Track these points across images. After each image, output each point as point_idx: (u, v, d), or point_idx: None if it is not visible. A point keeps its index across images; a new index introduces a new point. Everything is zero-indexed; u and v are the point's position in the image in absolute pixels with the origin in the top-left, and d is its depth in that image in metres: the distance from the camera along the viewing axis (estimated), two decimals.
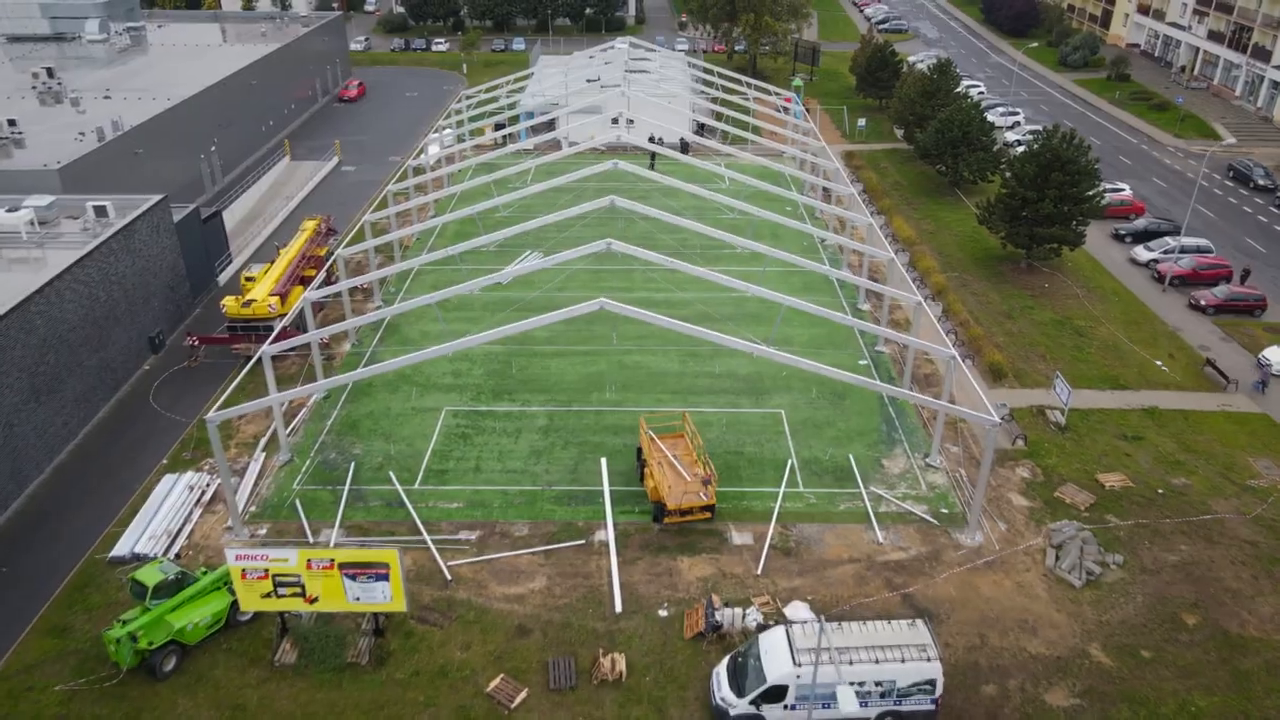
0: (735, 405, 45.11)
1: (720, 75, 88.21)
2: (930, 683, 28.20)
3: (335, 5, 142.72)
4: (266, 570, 29.86)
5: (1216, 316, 55.29)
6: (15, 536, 37.15)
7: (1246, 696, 30.33)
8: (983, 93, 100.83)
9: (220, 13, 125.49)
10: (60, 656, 31.23)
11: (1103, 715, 29.57)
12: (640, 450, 39.63)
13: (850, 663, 27.76)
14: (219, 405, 36.91)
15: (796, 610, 32.87)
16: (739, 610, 32.40)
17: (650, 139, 71.36)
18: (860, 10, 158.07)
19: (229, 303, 49.11)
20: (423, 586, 33.88)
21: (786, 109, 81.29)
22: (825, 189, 66.11)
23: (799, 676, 27.55)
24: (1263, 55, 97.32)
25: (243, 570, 29.83)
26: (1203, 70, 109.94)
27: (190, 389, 46.71)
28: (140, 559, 34.73)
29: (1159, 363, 49.91)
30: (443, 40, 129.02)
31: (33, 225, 47.77)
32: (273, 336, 43.02)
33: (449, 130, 79.12)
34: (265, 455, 41.08)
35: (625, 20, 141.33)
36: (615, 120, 74.60)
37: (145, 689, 29.90)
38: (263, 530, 36.83)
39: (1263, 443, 43.38)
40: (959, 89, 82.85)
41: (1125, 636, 32.43)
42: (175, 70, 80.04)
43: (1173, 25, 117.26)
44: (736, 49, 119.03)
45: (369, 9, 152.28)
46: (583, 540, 36.32)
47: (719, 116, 77.79)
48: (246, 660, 30.98)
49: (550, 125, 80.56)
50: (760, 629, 31.44)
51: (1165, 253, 61.23)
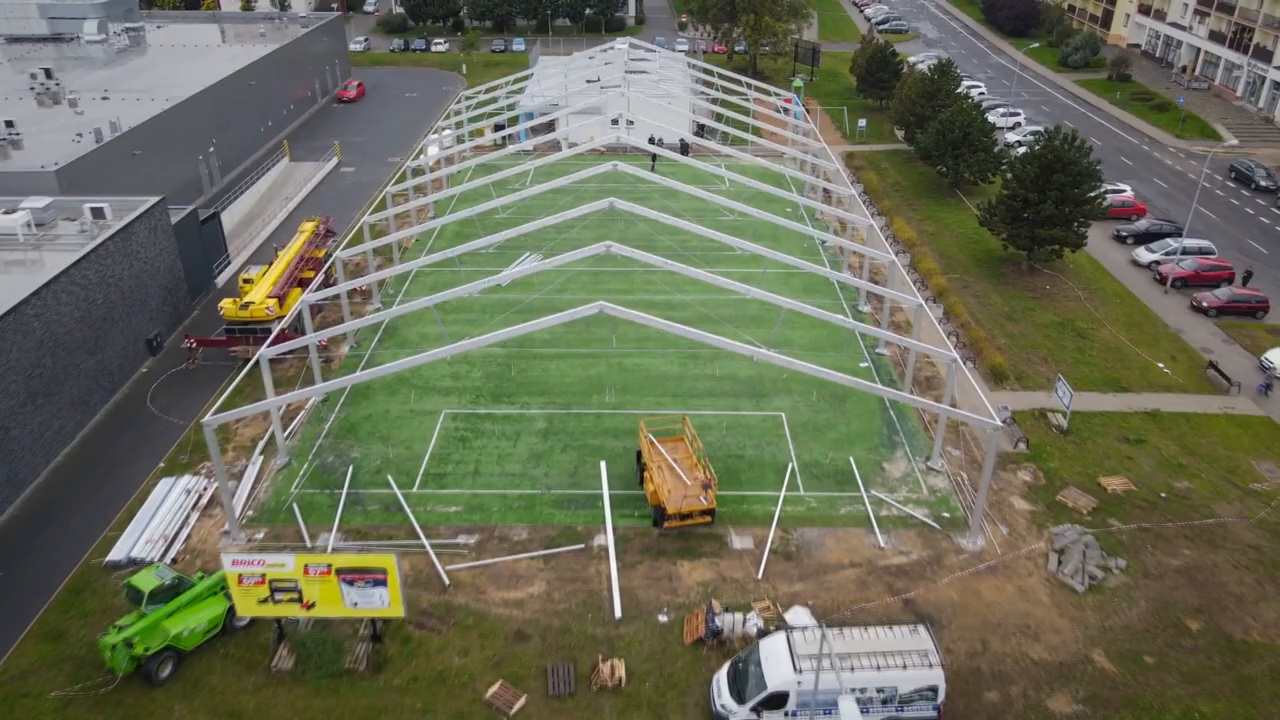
0: (735, 408, 44.89)
1: (720, 76, 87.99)
2: (932, 689, 27.98)
3: (334, 6, 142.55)
4: (263, 576, 29.63)
5: (1218, 318, 55.07)
6: (11, 540, 36.91)
7: (1250, 703, 30.11)
8: (983, 93, 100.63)
9: (219, 13, 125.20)
10: (55, 662, 31.01)
11: None
12: (640, 454, 39.41)
13: (852, 669, 27.51)
14: (216, 409, 36.65)
15: (797, 615, 32.65)
16: (739, 615, 32.18)
17: (650, 140, 71.12)
18: (860, 10, 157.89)
19: (227, 305, 48.92)
20: (421, 591, 33.66)
21: (787, 110, 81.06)
22: (825, 190, 65.88)
23: (800, 683, 27.30)
24: (1264, 56, 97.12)
25: (239, 575, 29.61)
26: (1204, 71, 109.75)
27: (188, 391, 46.49)
28: (136, 563, 34.53)
29: (1161, 365, 49.70)
30: (442, 41, 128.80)
31: (29, 227, 47.56)
32: (270, 339, 42.80)
33: (448, 131, 78.92)
34: (263, 458, 40.88)
35: (625, 21, 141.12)
36: (615, 121, 74.35)
37: (141, 695, 29.68)
38: (260, 534, 36.60)
39: (1266, 446, 43.17)
40: (959, 89, 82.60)
41: (1128, 642, 32.22)
42: (174, 71, 79.85)
43: (1174, 25, 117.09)
44: (736, 49, 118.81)
45: (368, 9, 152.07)
46: (582, 545, 36.09)
47: (719, 117, 77.55)
48: (243, 666, 30.77)
49: (550, 126, 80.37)
50: (761, 634, 31.21)
51: (1167, 254, 61.03)
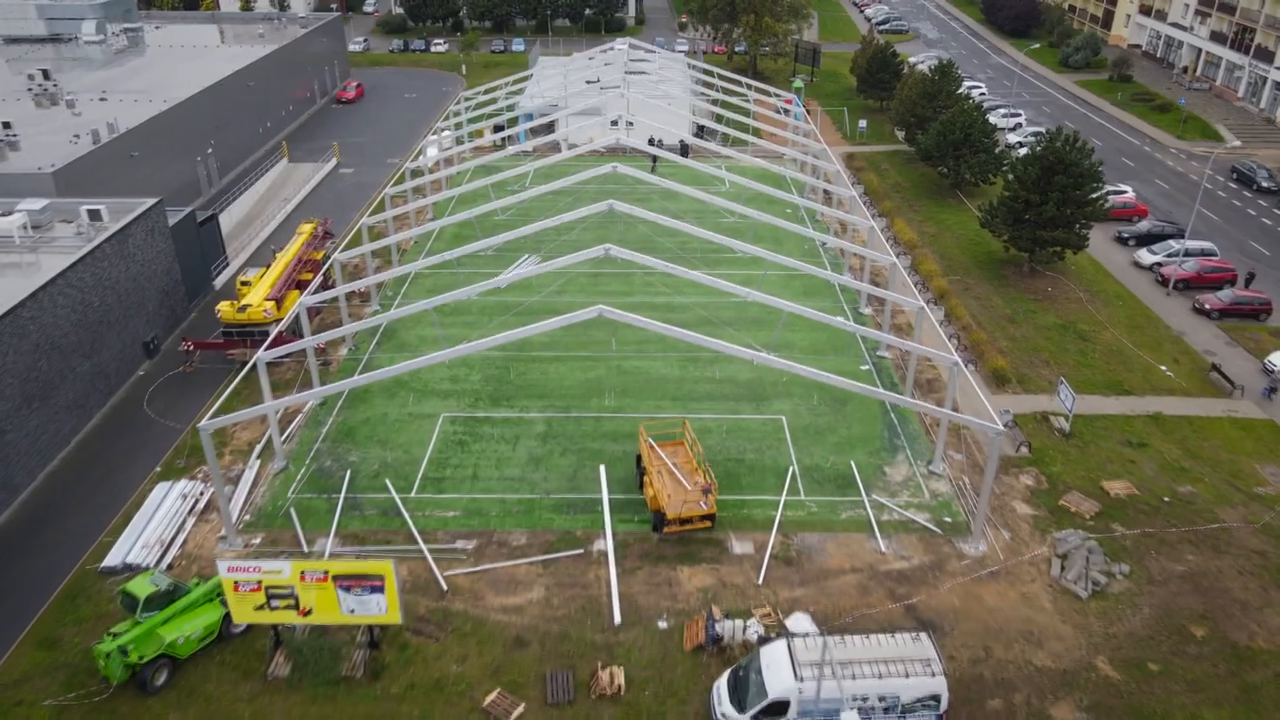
0: (736, 411, 44.61)
1: (720, 76, 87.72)
2: (935, 698, 27.70)
3: (334, 6, 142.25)
4: (259, 582, 29.35)
5: (1221, 321, 54.78)
6: (6, 545, 36.62)
7: (1256, 710, 29.82)
8: (984, 94, 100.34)
9: (218, 14, 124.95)
10: (50, 670, 30.73)
11: None
12: (639, 458, 39.12)
13: (853, 677, 27.25)
14: (212, 413, 36.37)
15: (798, 622, 32.36)
16: (740, 622, 31.90)
17: (650, 141, 70.85)
18: (861, 11, 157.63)
19: (224, 307, 48.67)
20: (419, 597, 33.39)
21: (787, 111, 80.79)
22: (826, 191, 65.60)
23: (801, 691, 27.04)
24: (1266, 56, 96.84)
25: (235, 582, 29.35)
26: (1205, 71, 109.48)
27: (185, 395, 46.21)
28: (132, 569, 34.24)
29: (1164, 368, 49.42)
30: (442, 41, 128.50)
31: (26, 229, 47.28)
32: (268, 342, 42.50)
33: (447, 132, 78.65)
34: (260, 462, 40.60)
35: (625, 21, 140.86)
36: (615, 122, 74.06)
37: (136, 704, 29.40)
38: (257, 540, 36.31)
39: (1269, 449, 42.88)
40: (960, 90, 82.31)
41: (1132, 649, 31.94)
42: (172, 71, 79.57)
43: (1174, 26, 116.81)
44: (737, 50, 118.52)
45: (368, 10, 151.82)
46: (581, 550, 35.81)
47: (719, 118, 77.28)
48: (239, 674, 30.49)
49: (549, 127, 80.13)
50: (761, 641, 30.93)
51: (1169, 256, 60.76)
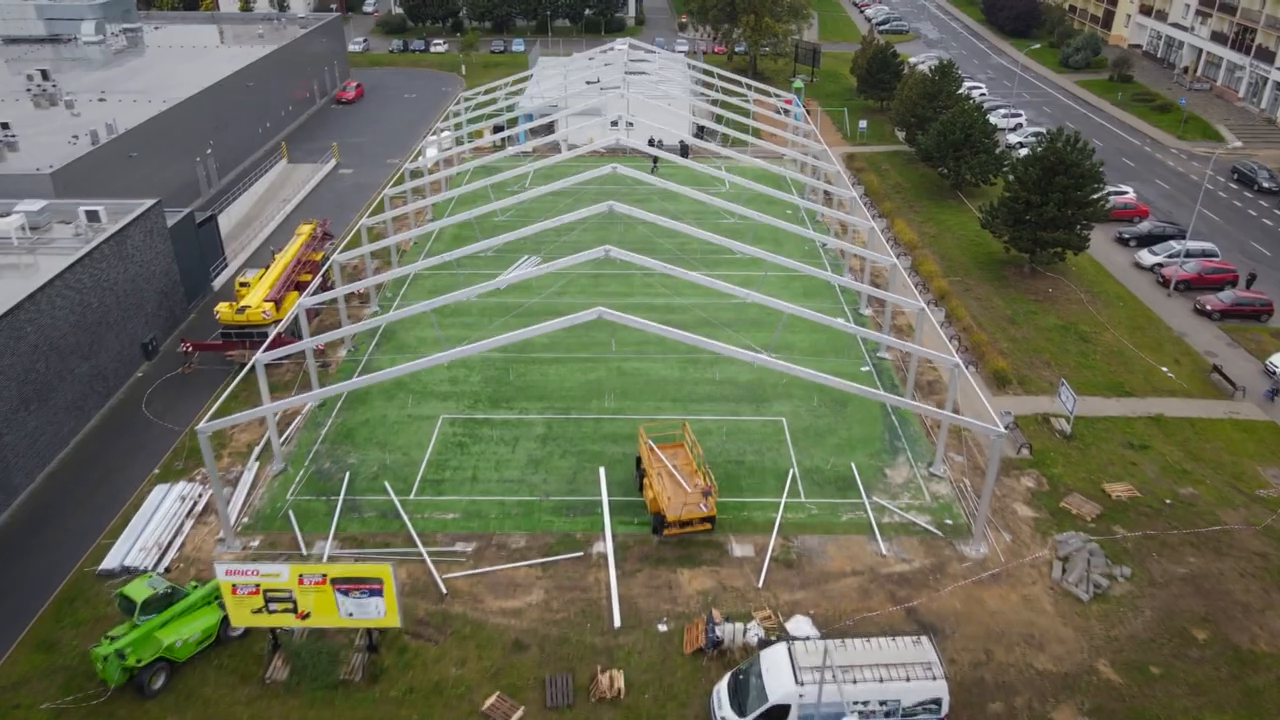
0: (736, 413, 44.47)
1: (720, 77, 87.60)
2: (936, 702, 27.58)
3: (333, 6, 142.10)
4: (258, 585, 29.26)
5: (1222, 322, 54.64)
6: (4, 547, 36.47)
7: (1258, 714, 29.68)
8: (984, 94, 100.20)
9: (217, 14, 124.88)
10: (48, 673, 30.60)
11: None
12: (639, 460, 39.00)
13: (854, 682, 27.13)
14: (211, 415, 36.23)
15: (799, 625, 32.25)
16: (740, 625, 31.77)
17: (650, 142, 70.74)
18: (861, 11, 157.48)
19: (223, 309, 48.53)
20: (418, 600, 33.26)
21: (787, 111, 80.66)
22: (826, 192, 65.47)
23: (802, 696, 26.91)
24: (1266, 57, 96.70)
25: (233, 585, 29.24)
26: (1205, 72, 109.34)
27: (184, 396, 46.08)
28: (130, 572, 34.11)
29: (1165, 369, 49.28)
30: (441, 41, 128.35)
31: (24, 230, 47.12)
32: (266, 344, 42.39)
33: (447, 133, 78.52)
34: (259, 464, 40.47)
35: (625, 21, 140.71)
36: (614, 123, 73.94)
37: (133, 707, 29.27)
38: (255, 542, 36.17)
39: (1271, 451, 42.75)
40: (961, 90, 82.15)
41: (1134, 652, 31.81)
42: (172, 72, 79.42)
43: (1175, 26, 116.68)
44: (737, 50, 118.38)
45: (367, 10, 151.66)
46: (581, 552, 35.68)
47: (719, 119, 77.16)
48: (237, 677, 30.36)
49: (549, 128, 80.00)
50: (762, 645, 30.80)
51: (1170, 257, 60.63)
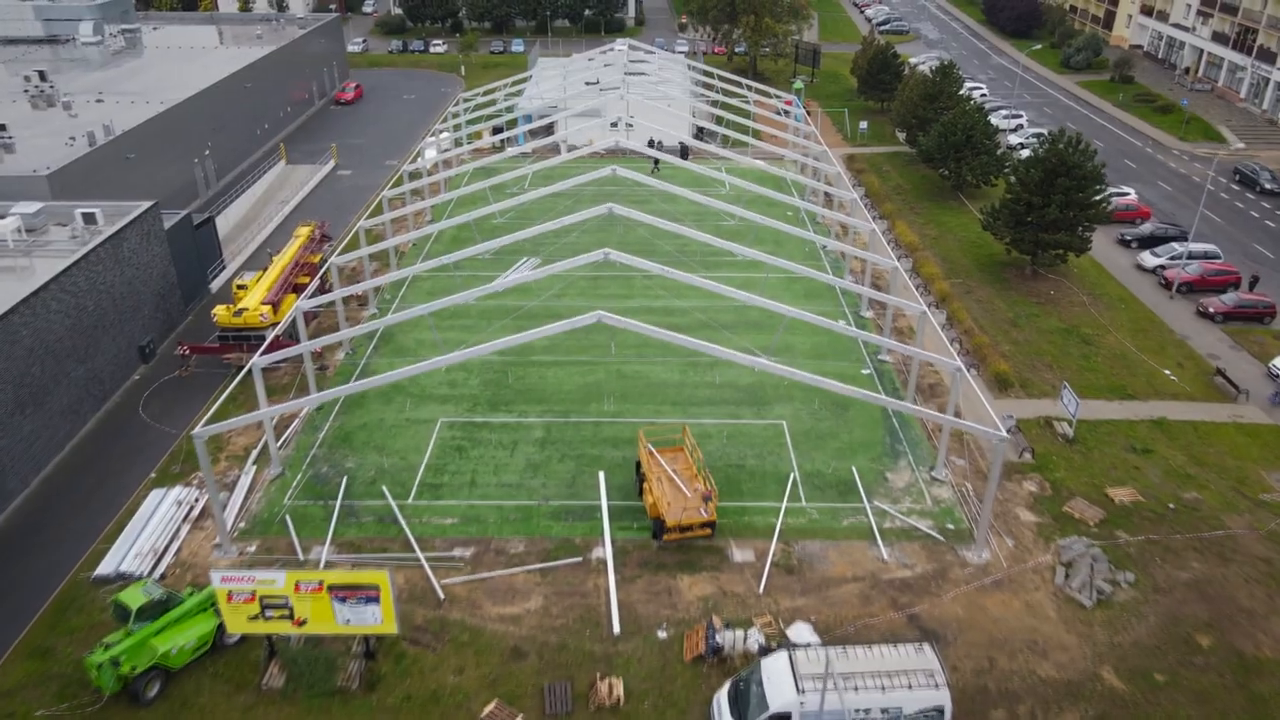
0: (736, 416, 44.19)
1: (720, 78, 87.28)
2: (938, 710, 27.29)
3: (332, 7, 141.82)
4: (254, 592, 28.96)
5: (1225, 324, 54.37)
6: None
7: None
8: (985, 95, 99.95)
9: (216, 15, 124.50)
10: (42, 680, 30.31)
11: None
12: (639, 464, 38.71)
13: (855, 690, 26.86)
14: (207, 419, 35.98)
15: (800, 632, 31.96)
16: (740, 632, 31.47)
17: (649, 143, 70.47)
18: (861, 11, 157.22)
19: (220, 311, 48.24)
20: (415, 606, 32.97)
21: (787, 112, 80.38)
22: (827, 194, 65.20)
23: (803, 704, 26.64)
24: (1268, 57, 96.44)
25: (229, 592, 28.94)
26: (1207, 72, 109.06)
27: (181, 399, 45.80)
28: (125, 578, 33.83)
29: (1167, 372, 48.99)
30: (441, 42, 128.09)
31: (19, 233, 46.81)
32: (264, 347, 42.12)
33: (446, 134, 78.26)
34: (256, 469, 40.17)
35: (624, 22, 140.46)
36: (614, 124, 73.67)
37: (128, 715, 28.98)
38: (251, 548, 35.88)
39: (1276, 455, 42.46)
40: (961, 91, 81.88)
41: (1138, 659, 31.53)
42: (170, 73, 79.13)
43: (1176, 27, 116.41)
44: (736, 51, 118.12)
45: (366, 10, 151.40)
46: (580, 558, 35.39)
47: (719, 120, 76.88)
48: (233, 685, 30.07)
49: (549, 129, 79.73)
50: (762, 651, 30.55)
51: (1172, 258, 60.35)
